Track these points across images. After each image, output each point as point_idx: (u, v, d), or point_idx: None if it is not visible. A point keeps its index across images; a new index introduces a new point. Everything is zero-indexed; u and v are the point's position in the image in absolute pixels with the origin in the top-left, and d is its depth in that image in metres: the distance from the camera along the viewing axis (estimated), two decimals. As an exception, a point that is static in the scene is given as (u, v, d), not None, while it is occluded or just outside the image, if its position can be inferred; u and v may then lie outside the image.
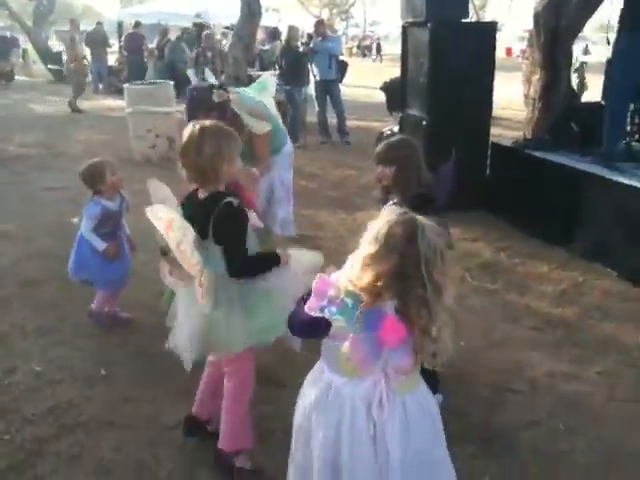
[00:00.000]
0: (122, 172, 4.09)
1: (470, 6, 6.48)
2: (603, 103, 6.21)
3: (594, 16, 7.33)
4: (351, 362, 1.96)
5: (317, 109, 10.41)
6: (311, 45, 10.13)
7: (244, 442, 2.75)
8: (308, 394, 2.12)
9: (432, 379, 3.05)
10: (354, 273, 1.90)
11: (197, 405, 2.91)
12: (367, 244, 1.91)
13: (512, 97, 12.41)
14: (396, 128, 9.86)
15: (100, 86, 17.02)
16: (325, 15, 41.73)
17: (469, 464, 2.79)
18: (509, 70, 15.05)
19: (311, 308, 1.91)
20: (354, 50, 40.55)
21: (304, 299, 1.99)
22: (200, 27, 16.33)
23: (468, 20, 6.96)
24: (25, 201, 6.82)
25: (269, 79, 4.92)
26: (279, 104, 10.96)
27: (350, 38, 51.07)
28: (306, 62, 10.07)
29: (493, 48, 6.31)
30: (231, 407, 2.73)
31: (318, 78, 10.23)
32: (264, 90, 4.58)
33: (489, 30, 6.38)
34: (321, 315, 1.89)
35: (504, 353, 3.73)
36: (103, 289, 4.08)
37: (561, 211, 5.42)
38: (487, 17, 36.67)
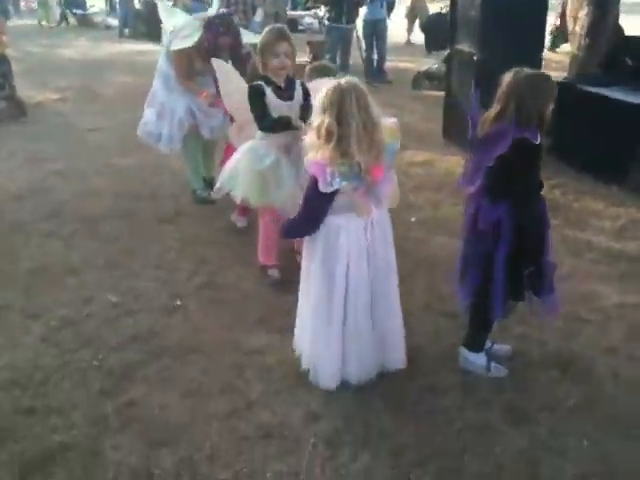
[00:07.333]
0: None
1: None
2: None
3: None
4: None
5: (364, 49, 10.08)
6: None
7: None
8: None
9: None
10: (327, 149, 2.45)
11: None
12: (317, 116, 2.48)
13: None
14: (435, 67, 9.67)
15: (126, 31, 16.74)
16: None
17: (552, 389, 2.85)
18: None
19: (324, 187, 2.48)
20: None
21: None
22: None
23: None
24: (72, 142, 6.85)
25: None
26: (313, 45, 10.71)
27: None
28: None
29: (547, -19, 6.09)
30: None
31: (367, 17, 9.86)
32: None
33: (543, -38, 6.14)
34: (332, 189, 2.48)
35: (572, 285, 3.71)
36: None
37: (615, 148, 5.29)
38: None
